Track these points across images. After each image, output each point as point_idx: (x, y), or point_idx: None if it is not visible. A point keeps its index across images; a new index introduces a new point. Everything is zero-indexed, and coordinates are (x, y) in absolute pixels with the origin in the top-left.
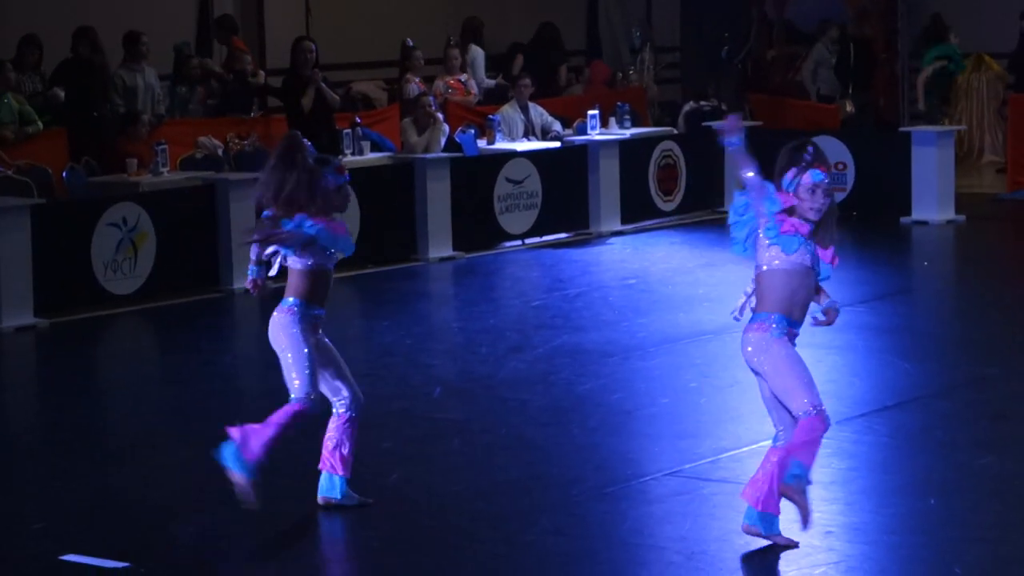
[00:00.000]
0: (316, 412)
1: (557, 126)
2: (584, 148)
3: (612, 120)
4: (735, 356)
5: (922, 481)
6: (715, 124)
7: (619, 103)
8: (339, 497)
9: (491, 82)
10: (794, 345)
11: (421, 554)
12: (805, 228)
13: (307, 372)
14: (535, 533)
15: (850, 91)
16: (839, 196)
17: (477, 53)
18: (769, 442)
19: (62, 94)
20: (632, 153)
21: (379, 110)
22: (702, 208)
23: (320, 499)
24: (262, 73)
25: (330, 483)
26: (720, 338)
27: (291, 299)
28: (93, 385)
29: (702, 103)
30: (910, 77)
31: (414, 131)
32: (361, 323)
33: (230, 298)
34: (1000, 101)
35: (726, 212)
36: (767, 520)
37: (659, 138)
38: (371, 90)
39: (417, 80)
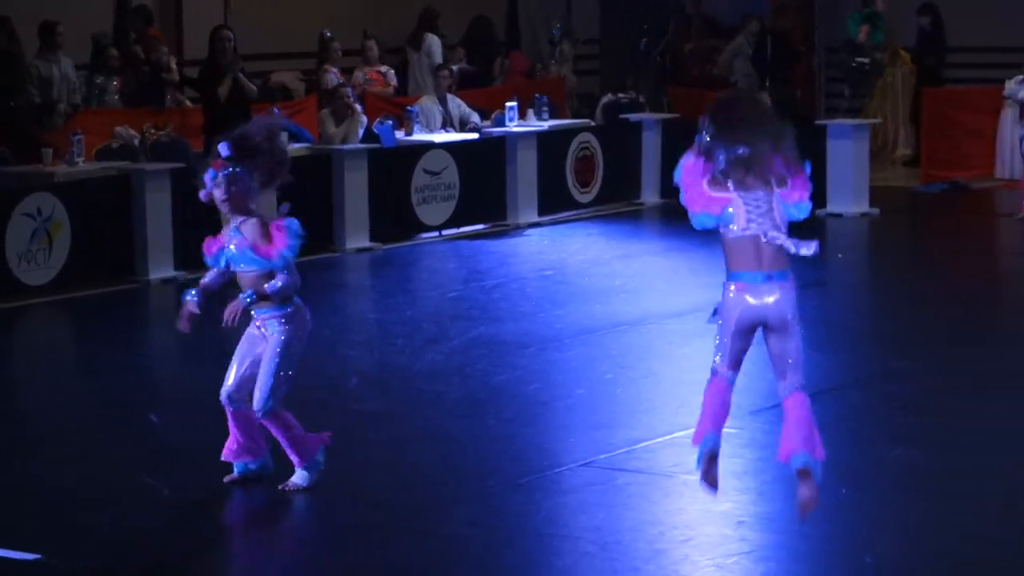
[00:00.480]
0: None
1: (475, 118)
2: (502, 140)
3: (530, 112)
4: (651, 347)
5: (833, 471)
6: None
7: (537, 95)
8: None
9: (469, 67)
10: None
11: (337, 546)
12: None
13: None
14: (452, 525)
15: (767, 84)
16: None
17: (433, 41)
18: (683, 433)
19: None
20: (550, 145)
21: (297, 100)
22: (619, 200)
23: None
24: (175, 69)
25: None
26: (635, 329)
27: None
28: (5, 376)
29: (620, 95)
30: (827, 71)
31: (332, 122)
32: None
33: (145, 289)
34: (913, 96)
35: (642, 204)
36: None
37: (577, 130)
38: (290, 81)
39: (335, 71)
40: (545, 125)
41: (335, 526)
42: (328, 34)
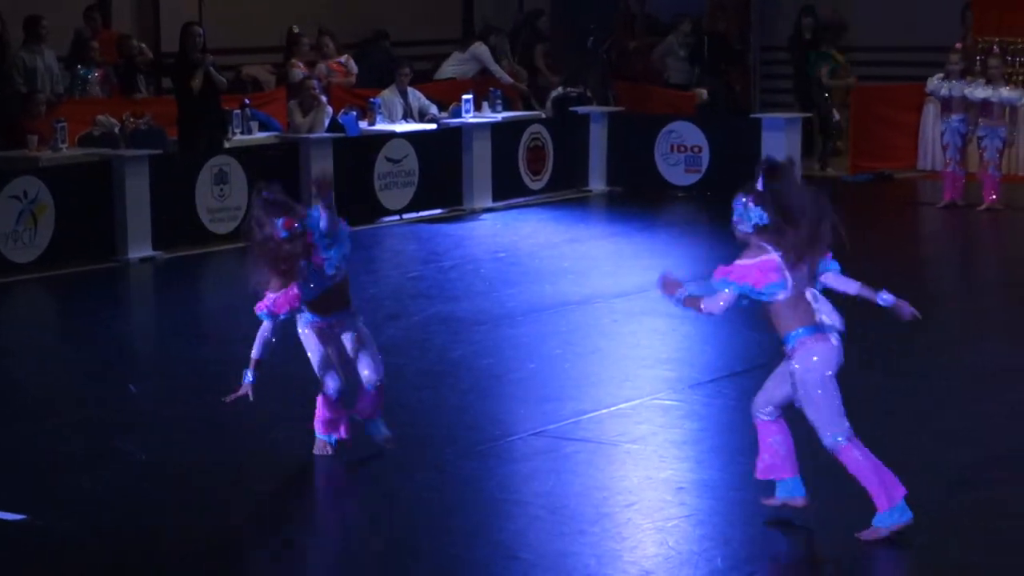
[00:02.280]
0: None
1: (433, 109)
2: (458, 130)
3: (485, 104)
4: (597, 325)
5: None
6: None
7: (492, 88)
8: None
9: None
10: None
11: (304, 506)
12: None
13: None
14: (411, 489)
15: (698, 79)
16: (694, 178)
17: (482, 50)
18: (627, 404)
19: None
20: (503, 135)
21: (267, 92)
22: (568, 187)
23: None
24: (149, 53)
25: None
26: (583, 308)
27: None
28: None
29: (569, 89)
30: (762, 68)
31: (299, 112)
32: (248, 292)
33: (125, 267)
34: (845, 92)
35: (590, 191)
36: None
37: (528, 122)
38: (260, 73)
39: (302, 65)
40: (499, 117)
41: (301, 487)
42: (296, 29)
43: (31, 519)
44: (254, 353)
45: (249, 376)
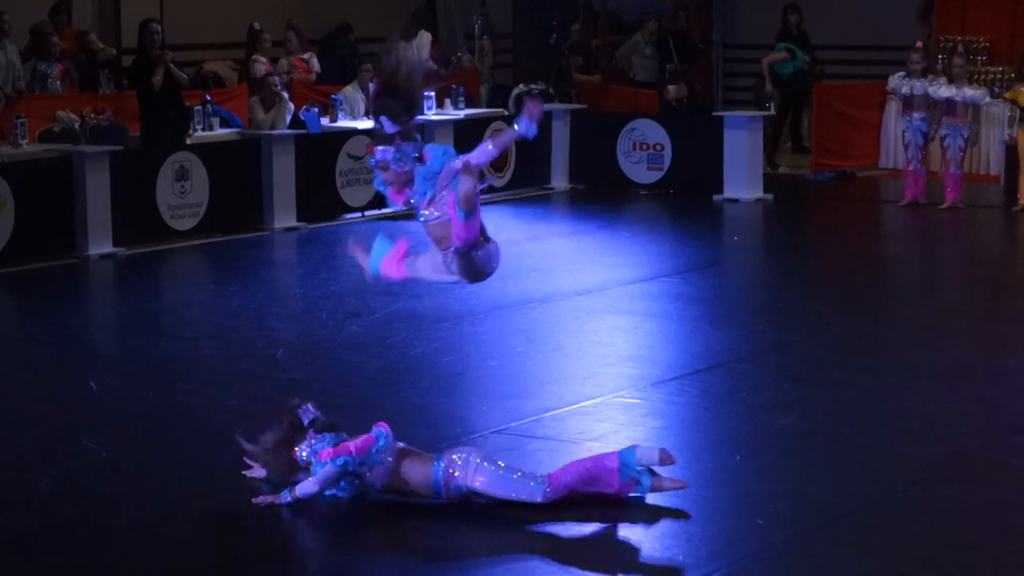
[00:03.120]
0: None
1: None
2: (421, 127)
3: (447, 101)
4: (559, 322)
5: (729, 439)
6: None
7: (454, 85)
8: None
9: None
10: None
11: (261, 503)
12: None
13: None
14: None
15: (667, 77)
16: (656, 176)
17: (425, 37)
18: (589, 402)
19: None
20: (465, 132)
21: (228, 88)
22: (530, 185)
23: None
24: (111, 49)
25: None
26: (545, 306)
27: None
28: None
29: (531, 86)
30: (725, 66)
31: (261, 108)
32: (209, 288)
33: (85, 264)
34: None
35: (552, 189)
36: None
37: (490, 118)
38: (221, 69)
39: (264, 61)
40: (461, 114)
41: (259, 484)
42: (257, 26)
43: None
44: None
45: (288, 497)
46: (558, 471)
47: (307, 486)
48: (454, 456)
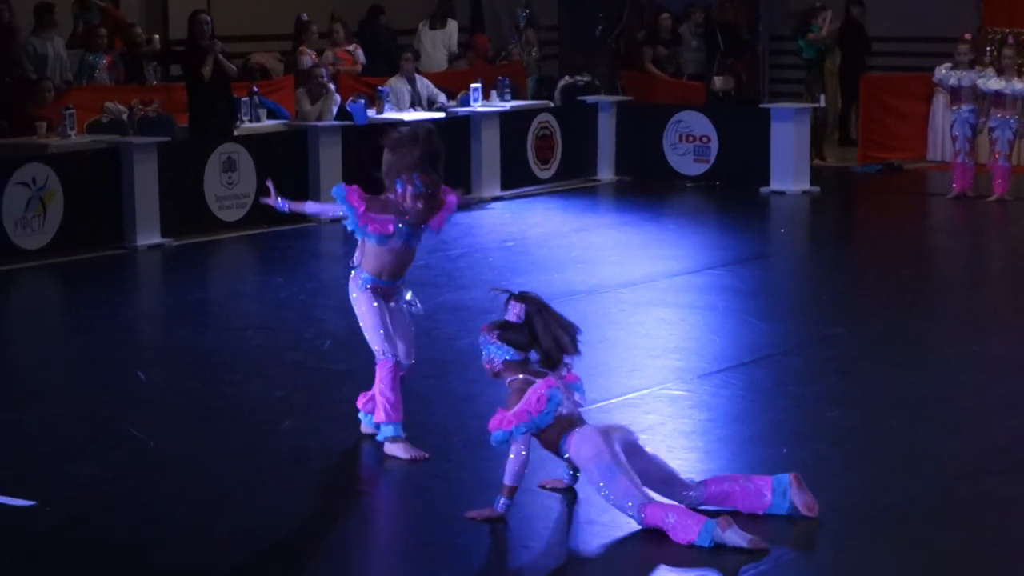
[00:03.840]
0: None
1: (442, 98)
2: (467, 119)
3: (493, 93)
4: (605, 314)
5: (774, 431)
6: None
7: (500, 77)
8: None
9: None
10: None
11: (311, 497)
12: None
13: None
14: (417, 477)
15: (715, 70)
16: (702, 168)
17: (453, 26)
18: (635, 394)
19: None
20: (511, 124)
21: (275, 80)
22: (576, 176)
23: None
24: (156, 38)
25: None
26: (591, 297)
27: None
28: (2, 334)
29: (577, 78)
30: (771, 58)
31: (307, 100)
32: (256, 280)
33: (133, 254)
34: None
35: (598, 180)
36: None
37: (537, 111)
38: (268, 61)
39: (310, 53)
40: (507, 106)
41: (310, 478)
42: (304, 17)
43: (40, 505)
44: (508, 480)
45: (501, 504)
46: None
47: (513, 466)
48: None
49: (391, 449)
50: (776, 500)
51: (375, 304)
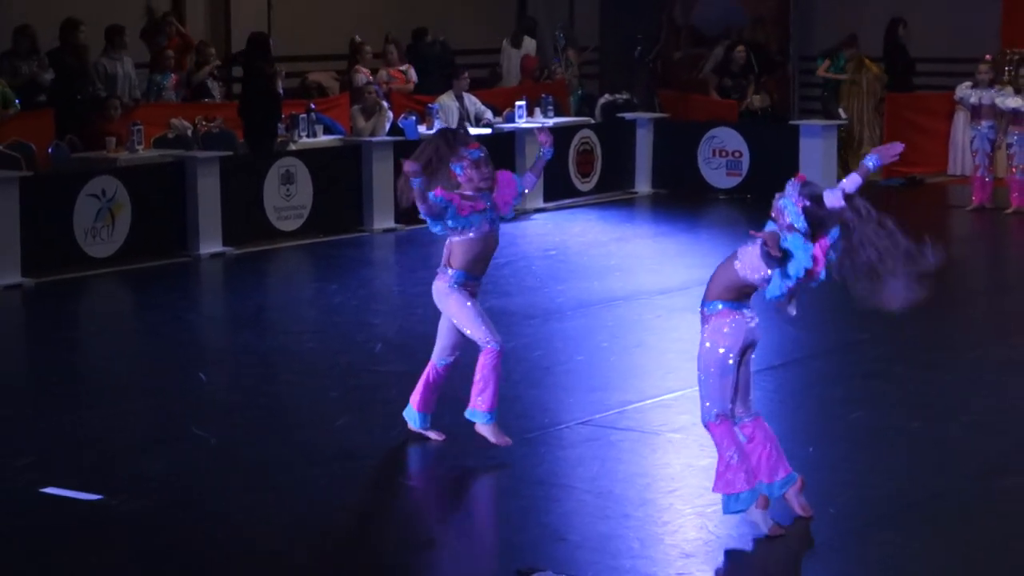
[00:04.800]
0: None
1: (489, 114)
2: (512, 134)
3: (537, 110)
4: (642, 320)
5: (802, 431)
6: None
7: (543, 95)
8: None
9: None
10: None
11: (361, 490)
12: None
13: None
14: (462, 473)
15: (752, 89)
16: (734, 181)
17: (530, 44)
18: (670, 396)
19: (51, 76)
20: (554, 139)
21: (331, 98)
22: (615, 189)
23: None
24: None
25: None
26: (629, 304)
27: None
28: (74, 337)
29: (616, 96)
30: (800, 77)
31: (362, 117)
32: (312, 286)
33: (196, 263)
34: (878, 99)
35: (636, 193)
36: None
37: (578, 127)
38: (325, 80)
39: (365, 71)
40: (550, 122)
41: (361, 472)
42: (359, 38)
43: (105, 499)
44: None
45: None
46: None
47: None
48: None
49: (483, 431)
50: (775, 486)
51: (468, 303)
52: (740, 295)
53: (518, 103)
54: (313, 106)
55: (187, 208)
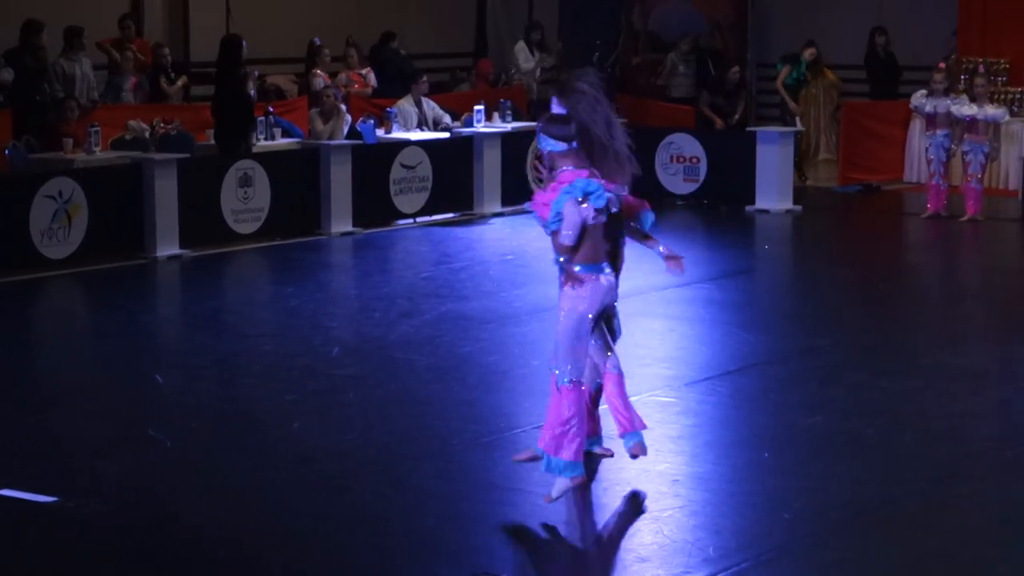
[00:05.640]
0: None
1: (447, 119)
2: (470, 139)
3: (495, 114)
4: None
5: (758, 437)
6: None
7: (502, 99)
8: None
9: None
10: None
11: (317, 493)
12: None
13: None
14: (419, 477)
15: (702, 95)
16: (692, 187)
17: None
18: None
19: (10, 75)
20: (512, 144)
21: (289, 100)
22: None
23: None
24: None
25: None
26: None
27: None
28: (27, 339)
29: None
30: (757, 83)
31: (320, 120)
32: (269, 289)
33: (153, 264)
34: (835, 106)
35: None
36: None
37: (534, 131)
38: (283, 83)
39: (323, 75)
40: (508, 127)
41: (317, 475)
42: (318, 41)
43: (61, 501)
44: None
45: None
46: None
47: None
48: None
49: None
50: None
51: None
52: (593, 258)
53: (476, 107)
54: (271, 109)
55: (144, 210)
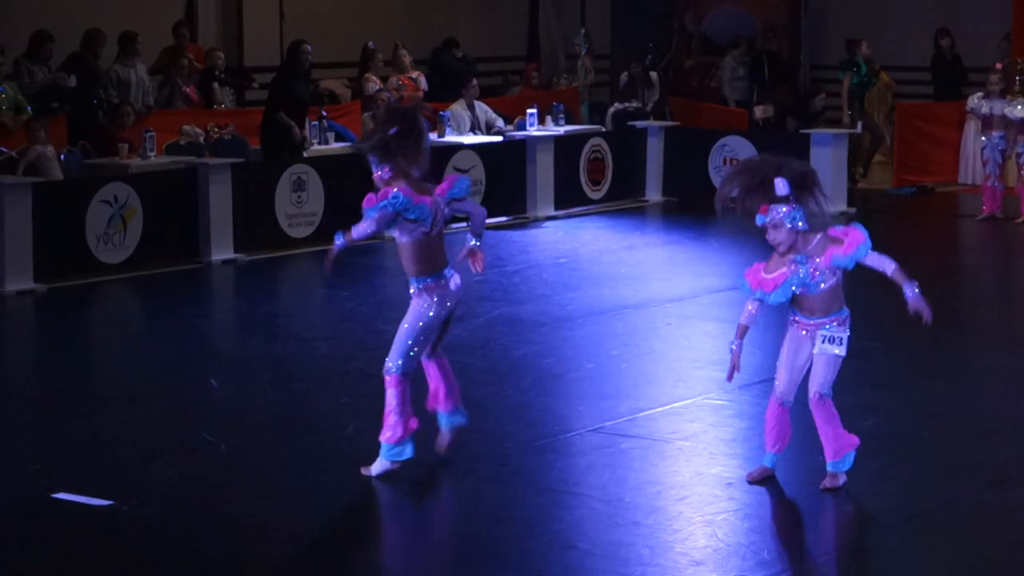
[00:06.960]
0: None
1: (500, 122)
2: (523, 142)
3: (548, 118)
4: (652, 328)
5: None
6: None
7: (555, 103)
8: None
9: None
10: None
11: (372, 497)
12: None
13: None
14: (473, 480)
15: (754, 97)
16: None
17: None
18: (680, 403)
19: (74, 83)
20: (565, 147)
21: (343, 105)
22: (626, 197)
23: None
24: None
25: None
26: (639, 312)
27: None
28: (85, 343)
29: (627, 105)
30: (810, 86)
31: (373, 124)
32: (324, 292)
33: (207, 269)
34: (889, 108)
35: (647, 201)
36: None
37: (589, 135)
38: (336, 87)
39: (376, 79)
40: (561, 130)
41: (370, 479)
42: (372, 45)
43: (117, 504)
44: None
45: (341, 240)
46: None
47: (363, 227)
48: None
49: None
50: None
51: None
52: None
53: (529, 111)
54: (325, 113)
55: (199, 214)
